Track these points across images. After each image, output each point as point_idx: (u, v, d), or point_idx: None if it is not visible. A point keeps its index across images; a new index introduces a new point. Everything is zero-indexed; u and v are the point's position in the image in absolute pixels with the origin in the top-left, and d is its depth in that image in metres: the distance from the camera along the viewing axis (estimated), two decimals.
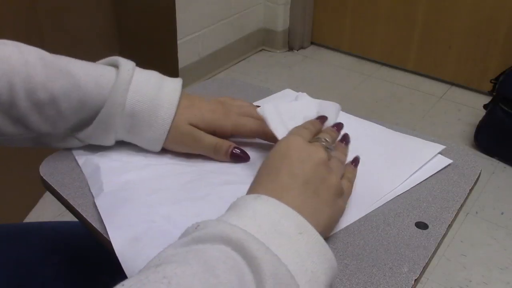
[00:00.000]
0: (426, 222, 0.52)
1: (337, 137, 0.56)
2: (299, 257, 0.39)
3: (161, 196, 0.54)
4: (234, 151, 0.59)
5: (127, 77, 0.55)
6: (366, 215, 0.53)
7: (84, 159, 0.59)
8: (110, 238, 0.48)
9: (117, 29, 1.77)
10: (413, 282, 0.46)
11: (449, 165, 0.61)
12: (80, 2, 1.60)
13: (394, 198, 0.56)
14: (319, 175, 0.47)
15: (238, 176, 0.58)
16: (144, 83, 0.56)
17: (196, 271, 0.34)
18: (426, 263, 0.48)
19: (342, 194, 0.49)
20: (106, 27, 1.74)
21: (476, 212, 1.62)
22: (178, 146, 0.59)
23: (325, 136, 0.53)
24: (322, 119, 0.58)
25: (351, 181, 0.53)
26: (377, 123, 0.68)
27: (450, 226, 0.52)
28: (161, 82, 0.58)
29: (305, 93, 0.73)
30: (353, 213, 0.53)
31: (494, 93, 1.82)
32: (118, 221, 0.50)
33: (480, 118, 1.87)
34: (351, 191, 0.53)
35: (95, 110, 0.56)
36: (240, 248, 0.37)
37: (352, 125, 0.66)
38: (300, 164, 0.47)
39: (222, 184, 0.56)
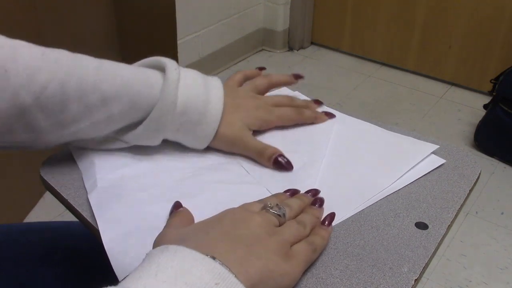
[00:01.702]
0: (426, 222, 0.52)
1: (305, 202, 0.51)
2: None
3: (153, 193, 0.54)
4: (279, 159, 0.58)
5: (175, 75, 0.55)
6: (366, 215, 0.53)
7: (79, 154, 0.59)
8: (100, 233, 0.48)
9: (117, 29, 1.77)
10: (413, 282, 0.46)
11: (442, 164, 0.61)
12: (80, 2, 1.60)
13: (394, 198, 0.56)
14: (255, 234, 0.42)
15: (231, 174, 0.58)
16: (192, 81, 0.57)
17: None
18: (426, 263, 0.48)
19: (289, 258, 0.43)
20: (106, 27, 1.74)
21: (476, 212, 1.62)
22: (226, 145, 0.60)
23: (281, 203, 0.48)
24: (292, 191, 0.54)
25: (314, 247, 0.46)
26: (370, 122, 0.68)
27: (450, 226, 0.52)
28: (206, 79, 0.58)
29: (297, 92, 0.74)
30: (342, 212, 0.53)
31: (494, 93, 1.82)
32: (109, 217, 0.50)
33: (480, 118, 1.87)
34: (312, 258, 0.46)
35: (145, 110, 0.55)
36: None
37: (345, 124, 0.67)
38: (234, 224, 0.43)
39: (215, 182, 0.56)
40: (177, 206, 0.51)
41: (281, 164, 0.58)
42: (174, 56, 1.83)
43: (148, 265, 0.36)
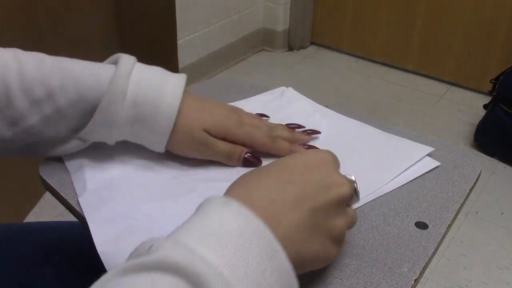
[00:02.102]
0: (426, 222, 0.52)
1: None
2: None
3: (143, 193, 0.54)
4: (246, 156, 0.57)
5: (127, 66, 0.54)
6: (366, 215, 0.53)
7: (69, 157, 0.58)
8: (92, 237, 0.48)
9: (117, 29, 1.77)
10: (413, 282, 0.46)
11: (440, 165, 0.61)
12: (80, 2, 1.60)
13: (394, 198, 0.56)
14: (327, 208, 0.41)
15: (222, 172, 0.57)
16: (146, 72, 0.55)
17: None
18: (426, 263, 0.48)
19: (340, 243, 0.43)
20: (106, 27, 1.74)
21: (476, 212, 1.62)
22: (189, 151, 0.57)
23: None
24: None
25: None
26: (370, 123, 0.68)
27: (450, 226, 0.52)
28: (164, 73, 0.56)
29: (290, 88, 0.73)
30: None
31: (494, 93, 1.82)
32: (100, 219, 0.50)
33: (480, 118, 1.87)
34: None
35: (94, 103, 0.53)
36: (197, 283, 0.32)
37: (340, 125, 0.67)
38: (311, 180, 0.42)
39: (206, 180, 0.56)
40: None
41: (250, 161, 0.58)
42: (174, 56, 1.83)
43: (210, 221, 0.36)
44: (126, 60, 0.54)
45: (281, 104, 0.71)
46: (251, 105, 0.67)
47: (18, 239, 0.67)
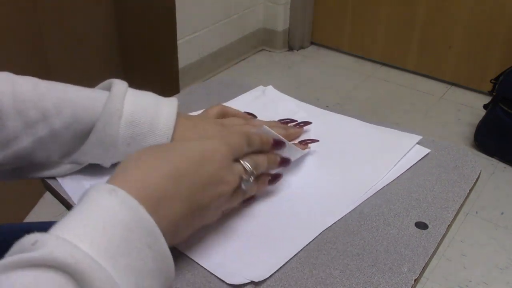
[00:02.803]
0: (426, 222, 0.52)
1: (274, 165, 0.54)
2: (140, 276, 0.36)
3: None
4: None
5: (122, 88, 0.54)
6: (366, 215, 0.53)
7: (67, 181, 0.56)
8: None
9: (117, 29, 1.77)
10: (412, 282, 0.46)
11: (427, 154, 0.62)
12: (80, 2, 1.60)
13: (394, 198, 0.56)
14: (210, 203, 0.45)
15: None
16: (140, 94, 0.55)
17: None
18: (426, 263, 0.48)
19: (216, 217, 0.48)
20: (106, 27, 1.74)
21: (476, 212, 1.62)
22: None
23: (256, 162, 0.51)
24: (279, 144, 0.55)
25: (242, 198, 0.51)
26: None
27: (450, 226, 0.52)
28: (158, 97, 0.56)
29: (271, 86, 0.74)
30: (338, 209, 0.53)
31: (494, 93, 1.82)
32: None
33: (480, 118, 1.87)
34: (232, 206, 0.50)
35: (89, 124, 0.53)
36: (80, 280, 0.32)
37: (327, 121, 0.67)
38: (202, 174, 0.45)
39: None
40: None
41: None
42: (174, 56, 1.83)
43: (96, 213, 0.36)
44: (120, 83, 0.55)
45: (265, 103, 0.71)
46: (235, 105, 0.67)
47: (18, 239, 0.67)
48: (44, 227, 0.70)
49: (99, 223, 0.36)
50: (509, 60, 2.01)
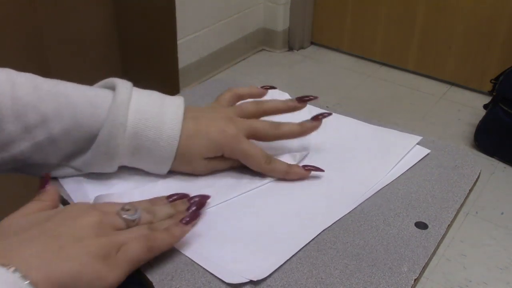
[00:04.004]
0: (426, 222, 0.52)
1: (178, 209, 0.49)
2: None
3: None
4: None
5: (126, 95, 0.52)
6: (366, 215, 0.53)
7: (72, 187, 0.56)
8: None
9: (117, 29, 1.77)
10: (412, 282, 0.46)
11: (427, 154, 0.62)
12: (80, 2, 1.60)
13: (394, 198, 0.56)
14: (79, 234, 0.41)
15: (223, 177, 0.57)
16: (145, 101, 0.53)
17: None
18: (426, 263, 0.48)
19: (109, 258, 0.41)
20: (106, 27, 1.74)
21: (476, 212, 1.62)
22: (188, 170, 0.57)
23: (147, 208, 0.47)
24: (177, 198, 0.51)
25: (151, 244, 0.44)
26: (352, 118, 0.68)
27: (450, 226, 0.52)
28: (164, 100, 0.55)
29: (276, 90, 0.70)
30: (338, 210, 0.53)
31: (494, 93, 1.82)
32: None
33: (480, 118, 1.87)
34: (143, 257, 0.44)
35: (90, 132, 0.52)
36: None
37: (327, 121, 0.67)
38: (63, 221, 0.42)
39: (212, 186, 0.56)
40: (43, 181, 0.49)
41: None
42: (174, 56, 1.83)
43: None
44: (123, 87, 0.53)
45: None
46: None
47: None
48: None
49: None
50: (509, 60, 2.01)
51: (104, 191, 0.53)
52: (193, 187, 0.55)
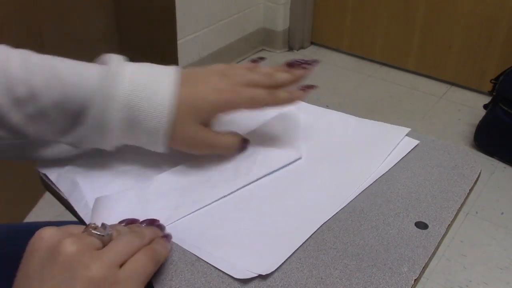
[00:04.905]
0: (426, 222, 0.52)
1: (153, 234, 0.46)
2: None
3: (148, 206, 0.52)
4: (243, 146, 0.59)
5: (116, 67, 0.51)
6: (365, 215, 0.53)
7: (56, 175, 0.56)
8: None
9: (117, 29, 1.77)
10: (412, 282, 0.46)
11: (417, 145, 0.63)
12: (80, 2, 1.60)
13: (394, 198, 0.56)
14: (71, 265, 0.39)
15: (218, 170, 0.57)
16: (137, 71, 0.52)
17: None
18: (426, 263, 0.48)
19: (118, 282, 0.39)
20: (106, 27, 1.74)
21: (476, 212, 1.62)
22: (187, 147, 0.56)
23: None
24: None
25: (157, 258, 0.43)
26: (339, 112, 0.68)
27: (450, 226, 0.52)
28: (157, 70, 0.54)
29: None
30: (332, 205, 0.54)
31: (494, 93, 1.82)
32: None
33: (480, 118, 1.87)
34: (152, 271, 0.42)
35: (80, 105, 0.51)
36: None
37: (316, 115, 0.67)
38: (46, 259, 0.41)
39: (206, 183, 0.56)
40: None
41: (246, 147, 0.59)
42: (174, 56, 1.83)
43: None
44: (115, 58, 0.53)
45: None
46: None
47: (18, 239, 0.67)
48: (44, 227, 0.70)
49: None
50: (509, 60, 2.01)
51: (100, 193, 0.53)
52: (188, 184, 0.55)
